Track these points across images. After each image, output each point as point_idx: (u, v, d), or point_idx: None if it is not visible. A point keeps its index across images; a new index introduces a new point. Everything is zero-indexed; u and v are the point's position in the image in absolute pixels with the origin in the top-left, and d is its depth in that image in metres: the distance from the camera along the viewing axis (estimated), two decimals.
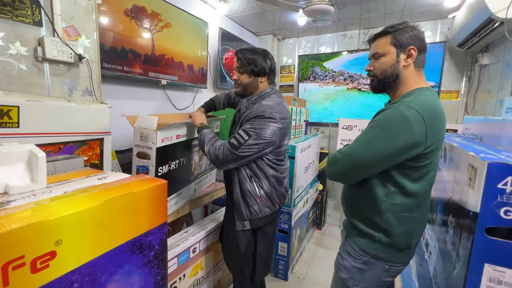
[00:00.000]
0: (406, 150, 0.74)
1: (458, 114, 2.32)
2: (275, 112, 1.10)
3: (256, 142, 1.07)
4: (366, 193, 0.86)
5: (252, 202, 1.17)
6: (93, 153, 1.12)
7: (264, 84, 1.21)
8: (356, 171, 0.83)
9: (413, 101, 0.76)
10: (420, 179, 0.80)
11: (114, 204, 0.61)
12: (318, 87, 2.92)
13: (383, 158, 0.77)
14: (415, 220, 0.84)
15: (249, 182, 1.17)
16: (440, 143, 0.79)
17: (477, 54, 2.08)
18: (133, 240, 0.68)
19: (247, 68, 1.15)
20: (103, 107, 1.14)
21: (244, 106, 1.23)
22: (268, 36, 3.03)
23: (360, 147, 0.80)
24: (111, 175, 0.80)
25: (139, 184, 0.72)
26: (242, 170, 1.16)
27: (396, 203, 0.81)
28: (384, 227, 0.83)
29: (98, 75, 1.23)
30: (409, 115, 0.72)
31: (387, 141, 0.75)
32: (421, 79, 0.85)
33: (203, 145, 1.14)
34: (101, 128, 1.13)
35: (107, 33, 1.37)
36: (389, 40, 0.83)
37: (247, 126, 1.10)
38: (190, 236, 1.39)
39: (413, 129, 0.72)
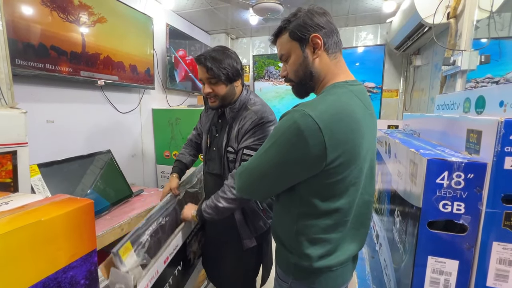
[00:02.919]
0: (304, 166, 0.61)
1: (398, 111, 2.54)
2: (269, 115, 1.02)
3: None
4: (280, 211, 0.76)
5: (257, 218, 1.10)
6: (2, 169, 0.91)
7: (239, 87, 1.08)
8: (256, 187, 0.72)
9: (313, 104, 0.62)
10: (335, 197, 0.66)
11: (8, 241, 0.47)
12: (271, 85, 2.95)
13: (279, 175, 0.65)
14: (335, 241, 0.71)
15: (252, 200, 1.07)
16: (354, 154, 0.64)
17: (411, 56, 2.30)
18: (45, 280, 0.54)
19: (220, 77, 0.98)
20: (15, 112, 0.94)
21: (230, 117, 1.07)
22: (221, 35, 2.94)
23: (256, 161, 0.69)
24: (18, 198, 0.64)
25: (53, 208, 0.58)
26: None
27: (308, 224, 0.69)
28: (297, 249, 0.72)
29: (7, 73, 1.01)
30: (302, 124, 0.58)
31: (281, 156, 0.63)
32: (339, 68, 0.71)
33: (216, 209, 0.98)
34: (12, 139, 0.93)
35: (20, 25, 1.14)
36: (287, 37, 0.69)
37: (250, 141, 0.99)
38: None
39: (307, 141, 0.58)
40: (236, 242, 1.11)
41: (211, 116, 1.16)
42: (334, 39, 0.69)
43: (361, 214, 0.75)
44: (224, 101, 1.04)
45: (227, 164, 1.06)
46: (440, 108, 1.22)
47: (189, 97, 2.59)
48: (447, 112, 1.15)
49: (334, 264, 0.72)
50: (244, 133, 1.01)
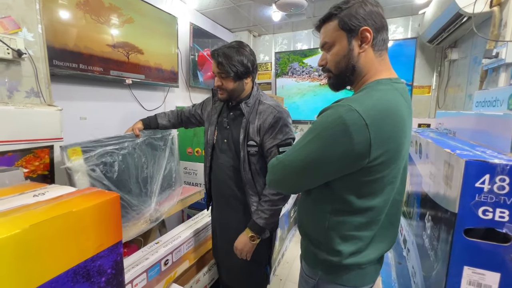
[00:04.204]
0: (346, 162, 0.60)
1: (430, 108, 2.37)
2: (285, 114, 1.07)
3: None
4: (310, 206, 0.75)
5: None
6: (41, 162, 0.98)
7: (249, 84, 1.11)
8: (290, 181, 0.70)
9: (359, 99, 0.60)
10: (371, 196, 0.65)
11: (43, 229, 0.50)
12: (294, 82, 2.90)
13: (318, 170, 0.63)
14: (367, 239, 0.70)
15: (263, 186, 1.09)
16: (396, 153, 0.63)
17: (446, 50, 2.14)
18: (76, 268, 0.57)
19: (229, 73, 1.01)
20: (52, 110, 1.00)
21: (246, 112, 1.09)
22: (244, 32, 2.95)
23: (293, 154, 0.66)
24: (53, 189, 0.68)
25: (83, 200, 0.61)
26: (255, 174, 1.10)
27: (340, 221, 0.68)
28: (327, 245, 0.71)
29: (45, 73, 1.09)
30: (348, 119, 0.56)
31: (321, 151, 0.60)
32: (383, 66, 0.68)
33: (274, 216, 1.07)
34: (49, 134, 1.00)
35: (56, 27, 1.22)
36: (336, 25, 0.66)
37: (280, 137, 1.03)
38: (162, 247, 1.29)
39: (352, 137, 0.56)
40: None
41: (219, 108, 1.17)
42: (383, 36, 0.66)
43: (391, 213, 0.73)
44: (232, 96, 1.08)
45: (247, 157, 1.08)
46: (480, 105, 1.11)
47: None
48: (488, 110, 1.05)
49: (364, 262, 0.71)
50: (269, 127, 1.04)
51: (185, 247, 1.41)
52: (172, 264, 1.33)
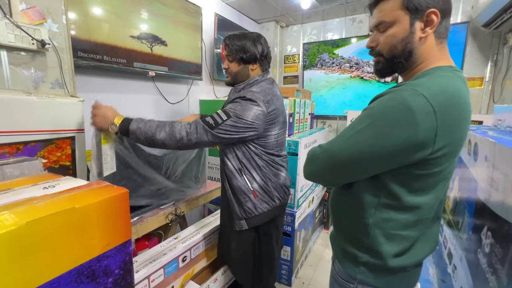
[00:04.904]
0: (405, 152, 0.54)
1: (482, 103, 2.08)
2: (258, 95, 0.97)
3: (235, 124, 0.93)
4: (351, 201, 0.68)
5: (245, 199, 1.05)
6: (63, 153, 0.98)
7: (256, 71, 1.09)
8: (335, 173, 0.64)
9: (424, 84, 0.54)
10: (423, 191, 0.60)
11: (42, 226, 0.46)
12: (323, 74, 2.73)
13: (370, 161, 0.57)
14: (412, 239, 0.65)
15: (238, 177, 1.04)
16: (458, 145, 0.58)
17: (506, 34, 1.83)
18: (80, 268, 0.54)
19: (235, 55, 1.05)
20: (73, 100, 1.00)
21: (232, 93, 1.10)
22: (270, 23, 2.83)
23: (343, 143, 0.60)
24: (65, 182, 0.66)
25: (89, 195, 0.57)
26: (228, 164, 1.04)
27: (387, 218, 0.62)
28: (370, 245, 0.65)
29: (70, 65, 1.09)
30: (414, 104, 0.50)
31: (379, 139, 0.54)
32: (443, 54, 0.62)
33: (151, 137, 0.93)
34: (71, 125, 1.00)
35: (81, 18, 1.22)
36: (399, 3, 0.59)
37: (227, 107, 0.97)
38: (180, 243, 1.26)
39: (417, 123, 0.50)
40: (231, 222, 1.10)
41: None
42: (447, 23, 0.61)
43: (437, 212, 0.68)
44: (236, 80, 1.10)
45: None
46: None
47: None
48: None
49: (409, 265, 0.66)
50: (228, 103, 1.02)
51: (204, 244, 1.38)
52: (190, 261, 1.30)
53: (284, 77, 3.02)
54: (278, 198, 1.09)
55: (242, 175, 1.03)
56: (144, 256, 1.14)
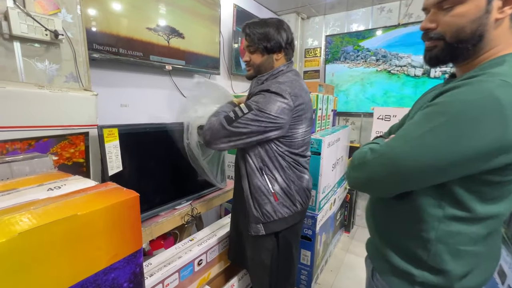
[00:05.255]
0: (489, 156, 0.44)
1: None
2: (284, 86, 0.88)
3: (256, 117, 0.85)
4: (407, 212, 0.58)
5: (264, 201, 0.95)
6: (76, 150, 0.94)
7: (281, 61, 0.99)
8: (394, 181, 0.54)
9: (509, 73, 0.44)
10: (497, 200, 0.51)
11: (38, 237, 0.40)
12: (346, 68, 2.56)
13: (444, 167, 0.48)
14: (480, 256, 0.56)
15: (258, 176, 0.95)
16: None
17: None
18: (84, 282, 0.47)
19: (258, 45, 0.95)
20: (86, 94, 0.95)
21: (253, 86, 1.00)
22: (291, 15, 2.70)
23: (407, 145, 0.50)
24: (72, 182, 0.60)
25: (95, 199, 0.51)
26: (250, 161, 0.95)
27: (454, 231, 0.53)
28: (431, 263, 0.56)
29: (84, 57, 1.04)
30: (504, 98, 0.42)
31: (457, 141, 0.45)
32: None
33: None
34: (84, 120, 0.95)
35: (96, 9, 1.17)
36: None
37: (250, 100, 0.89)
38: (196, 245, 1.19)
39: (508, 121, 0.41)
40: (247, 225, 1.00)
41: None
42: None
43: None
44: (259, 72, 1.00)
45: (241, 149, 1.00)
46: None
47: None
48: None
49: (475, 286, 0.58)
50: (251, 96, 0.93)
51: (221, 247, 1.31)
52: (206, 264, 1.23)
53: (304, 72, 2.88)
54: (300, 203, 0.99)
55: (263, 175, 0.94)
56: (159, 259, 1.09)
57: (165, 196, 1.18)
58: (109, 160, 0.92)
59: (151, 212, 1.10)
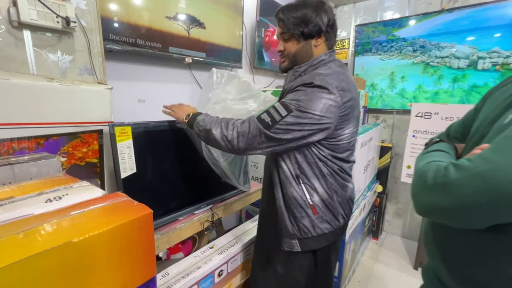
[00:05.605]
0: None
1: None
2: (329, 79, 0.73)
3: (298, 120, 0.71)
4: (499, 247, 0.44)
5: (301, 214, 0.82)
6: (89, 149, 0.86)
7: (321, 48, 0.83)
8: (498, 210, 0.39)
9: None
10: None
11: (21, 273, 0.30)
12: (378, 60, 2.34)
13: None
14: None
15: (294, 185, 0.82)
16: None
17: None
18: None
19: (293, 30, 0.81)
20: (100, 88, 0.86)
21: (288, 80, 0.86)
22: None
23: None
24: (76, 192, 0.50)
25: (98, 218, 0.40)
26: (284, 168, 0.82)
27: None
28: None
29: (99, 48, 0.96)
30: None
31: None
32: None
33: (208, 131, 0.82)
34: (98, 116, 0.87)
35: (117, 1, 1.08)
36: None
37: (288, 98, 0.75)
38: (216, 254, 1.09)
39: None
40: (278, 239, 0.87)
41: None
42: None
43: None
44: (296, 62, 0.86)
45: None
46: None
47: (277, 78, 2.33)
48: None
49: None
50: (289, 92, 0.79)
51: (243, 256, 1.20)
52: (227, 274, 1.13)
53: None
54: (343, 216, 0.85)
55: (299, 184, 0.81)
56: (177, 268, 1.00)
57: (183, 200, 1.09)
58: (121, 162, 0.84)
59: (168, 217, 1.01)
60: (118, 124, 0.85)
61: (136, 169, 0.88)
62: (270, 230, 0.94)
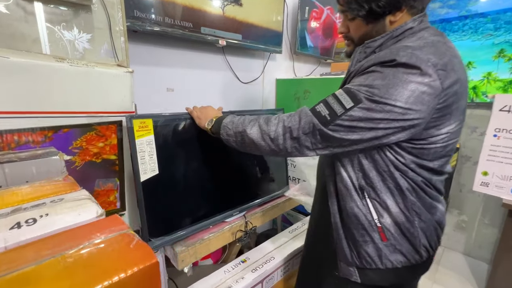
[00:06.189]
0: None
1: None
2: (423, 54, 0.49)
3: (370, 115, 0.50)
4: None
5: (363, 238, 0.61)
6: (106, 143, 0.73)
7: (403, 18, 0.58)
8: None
9: None
10: None
11: None
12: None
13: None
14: None
15: (356, 199, 0.61)
16: None
17: None
18: None
19: (359, 9, 0.58)
20: (119, 71, 0.72)
21: (356, 60, 0.63)
22: None
23: None
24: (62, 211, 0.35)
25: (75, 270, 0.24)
26: (343, 175, 0.61)
27: None
28: None
29: (121, 25, 0.82)
30: None
31: None
32: None
33: (241, 134, 0.65)
34: (116, 105, 0.73)
35: None
36: None
37: (355, 84, 0.54)
38: (249, 272, 0.92)
39: None
40: (333, 262, 0.68)
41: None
42: None
43: None
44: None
45: None
46: None
47: (320, 65, 2.06)
48: None
49: None
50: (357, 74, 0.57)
51: (280, 273, 1.01)
52: None
53: None
54: (426, 248, 0.61)
55: (364, 198, 0.59)
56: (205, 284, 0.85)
57: (213, 206, 0.93)
58: (141, 162, 0.69)
59: (195, 227, 0.86)
60: (137, 116, 0.70)
61: (159, 170, 0.73)
62: (323, 249, 0.74)
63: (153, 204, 0.74)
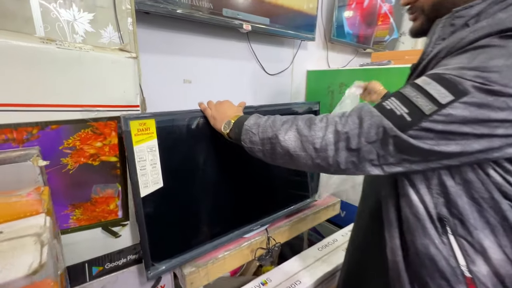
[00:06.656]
0: None
1: None
2: None
3: (482, 114, 0.32)
4: None
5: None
6: (105, 143, 0.61)
7: None
8: None
9: None
10: None
11: None
12: None
13: None
14: None
15: (433, 235, 0.42)
16: None
17: None
18: None
19: None
20: (120, 56, 0.60)
21: (436, 37, 0.44)
22: None
23: None
24: None
25: None
26: (413, 198, 0.43)
27: None
28: None
29: (128, 5, 0.70)
30: None
31: None
32: None
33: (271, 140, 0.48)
34: (117, 98, 0.61)
35: None
36: None
37: (450, 67, 0.35)
38: None
39: None
40: None
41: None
42: None
43: None
44: (437, 17, 0.44)
45: None
46: None
47: (356, 55, 1.82)
48: None
49: None
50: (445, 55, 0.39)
51: None
52: None
53: None
54: None
55: (445, 234, 0.40)
56: None
57: (229, 221, 0.79)
58: (140, 173, 0.57)
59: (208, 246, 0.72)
60: (135, 117, 0.57)
61: (163, 183, 0.60)
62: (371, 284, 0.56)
63: (156, 223, 0.62)
